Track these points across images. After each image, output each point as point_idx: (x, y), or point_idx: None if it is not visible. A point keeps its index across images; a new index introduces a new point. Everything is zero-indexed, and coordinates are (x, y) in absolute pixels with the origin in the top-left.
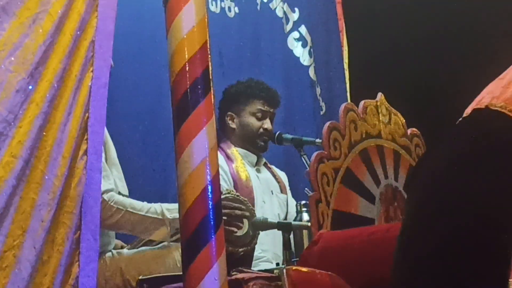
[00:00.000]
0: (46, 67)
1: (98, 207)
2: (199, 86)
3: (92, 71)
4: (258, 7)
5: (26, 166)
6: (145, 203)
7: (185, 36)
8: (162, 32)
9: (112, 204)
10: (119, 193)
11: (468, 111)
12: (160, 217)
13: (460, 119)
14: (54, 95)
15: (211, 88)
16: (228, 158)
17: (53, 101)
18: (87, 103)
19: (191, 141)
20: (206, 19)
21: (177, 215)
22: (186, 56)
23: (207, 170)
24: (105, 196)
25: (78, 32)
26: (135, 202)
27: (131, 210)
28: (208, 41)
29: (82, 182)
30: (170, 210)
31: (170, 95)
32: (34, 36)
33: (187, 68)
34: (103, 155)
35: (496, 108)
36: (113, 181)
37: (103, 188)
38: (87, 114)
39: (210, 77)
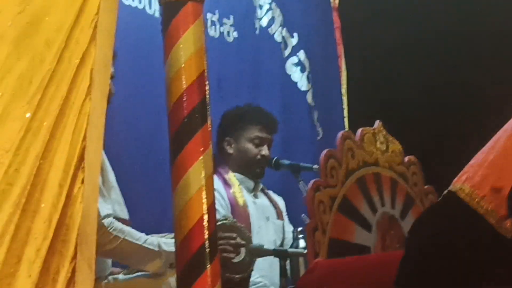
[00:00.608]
0: (44, 95)
1: (94, 236)
2: (196, 115)
3: (90, 99)
4: (257, 32)
5: (22, 194)
6: (143, 234)
7: (183, 65)
8: (161, 59)
9: (111, 230)
10: (117, 218)
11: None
12: (156, 249)
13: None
14: (52, 123)
15: (208, 117)
16: (226, 183)
17: (50, 129)
18: (85, 132)
19: (187, 170)
20: (204, 48)
21: (173, 249)
22: (184, 84)
23: (203, 199)
24: (105, 222)
25: (76, 60)
26: (133, 232)
27: (129, 239)
28: (206, 70)
29: (79, 210)
30: (167, 244)
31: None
32: (31, 64)
33: (184, 97)
34: (100, 179)
35: (462, 196)
36: (111, 207)
37: (102, 213)
38: (84, 143)
39: (208, 106)
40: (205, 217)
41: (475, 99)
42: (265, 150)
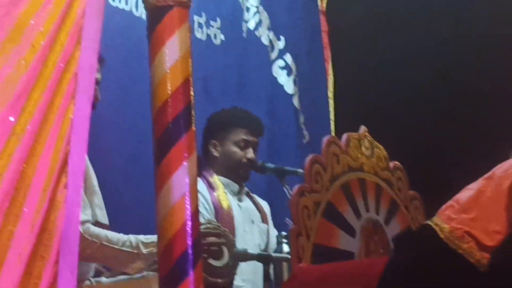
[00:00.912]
0: (28, 99)
1: (77, 241)
2: (181, 121)
3: (74, 103)
4: (244, 35)
5: (5, 198)
6: (121, 235)
7: (168, 70)
8: (147, 64)
9: (87, 236)
10: (97, 222)
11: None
12: (135, 251)
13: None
14: (35, 127)
15: (193, 122)
16: (210, 186)
17: (34, 133)
18: (68, 136)
19: (171, 175)
20: (190, 53)
21: (153, 249)
22: (169, 90)
23: (187, 206)
24: (81, 228)
25: (61, 64)
26: (111, 235)
27: (106, 244)
28: (191, 76)
29: (61, 215)
30: (146, 244)
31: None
32: (16, 67)
33: (169, 102)
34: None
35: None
36: (90, 211)
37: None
38: (68, 147)
39: (193, 112)
40: (188, 223)
41: (463, 104)
42: (250, 153)
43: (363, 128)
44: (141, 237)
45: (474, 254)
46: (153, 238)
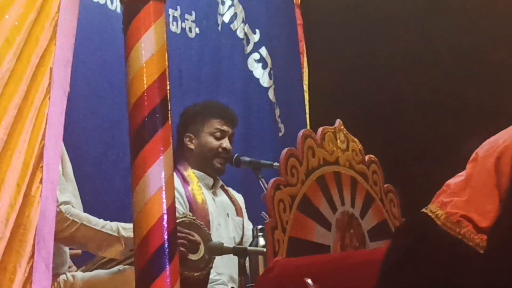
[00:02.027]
0: (2, 94)
1: (52, 236)
2: (157, 115)
3: (49, 98)
4: (219, 28)
5: None
6: (101, 219)
7: (144, 64)
8: (122, 55)
9: (68, 216)
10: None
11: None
12: (115, 234)
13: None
14: (10, 122)
15: (169, 117)
16: (185, 180)
17: (8, 128)
18: (44, 131)
19: (147, 169)
20: (166, 47)
21: (132, 235)
22: (145, 84)
23: (163, 200)
24: (62, 208)
25: (36, 59)
26: (91, 217)
27: (86, 224)
28: (167, 70)
29: (37, 210)
30: (126, 229)
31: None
32: None
33: (145, 96)
34: (60, 169)
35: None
36: (70, 194)
37: (60, 199)
38: (43, 142)
39: (169, 106)
40: (165, 217)
41: (440, 96)
42: (226, 143)
43: (338, 122)
44: (121, 223)
45: (472, 238)
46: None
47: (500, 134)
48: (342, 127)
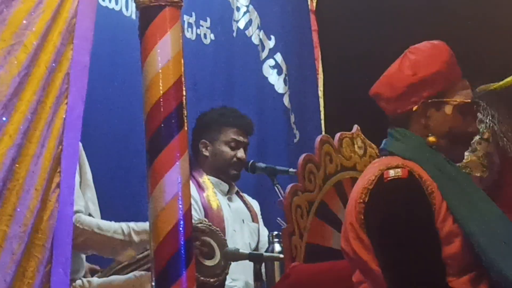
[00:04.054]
0: (20, 99)
1: (70, 240)
2: (173, 121)
3: (66, 103)
4: (234, 34)
5: None
6: (112, 222)
7: (160, 70)
8: (137, 61)
9: (78, 225)
10: (90, 215)
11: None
12: (126, 239)
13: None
14: (28, 127)
15: (185, 122)
16: (200, 186)
17: (26, 133)
18: (61, 136)
19: (163, 175)
20: (181, 53)
21: (144, 237)
22: (161, 90)
23: (179, 205)
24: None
25: (53, 64)
26: (102, 223)
27: (97, 231)
28: (183, 76)
29: (54, 215)
30: (138, 232)
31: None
32: (8, 67)
33: (161, 102)
34: (77, 177)
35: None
36: (84, 203)
37: None
38: (60, 147)
39: (185, 112)
40: (181, 223)
41: None
42: (241, 153)
43: (356, 127)
44: (132, 225)
45: None
46: (145, 225)
47: None
48: (359, 132)
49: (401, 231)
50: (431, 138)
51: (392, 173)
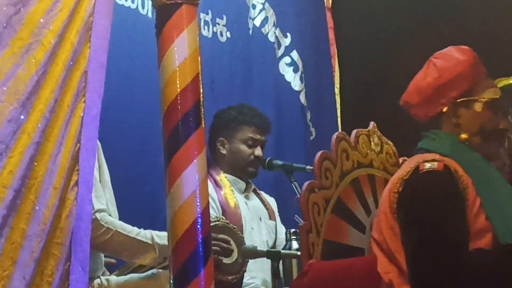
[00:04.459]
0: (38, 97)
1: (88, 238)
2: (190, 119)
3: (84, 101)
4: (250, 32)
5: (17, 196)
6: (135, 227)
7: (177, 68)
8: (154, 59)
9: (103, 223)
10: (110, 216)
11: None
12: (150, 242)
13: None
14: (46, 125)
15: (203, 120)
16: (217, 184)
17: (44, 132)
18: (79, 134)
19: (181, 173)
20: (198, 51)
21: (166, 242)
22: (178, 88)
23: (197, 203)
24: (97, 215)
25: (71, 63)
26: (126, 225)
27: (121, 231)
28: (200, 73)
29: (73, 213)
30: (160, 236)
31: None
32: (26, 66)
33: (178, 100)
34: (97, 176)
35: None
36: (105, 202)
37: (95, 207)
38: (78, 145)
39: (202, 110)
40: (199, 220)
41: None
42: (258, 151)
43: (372, 124)
44: (154, 231)
45: None
46: (166, 233)
47: None
48: (376, 129)
49: (432, 222)
50: (463, 135)
51: (428, 165)
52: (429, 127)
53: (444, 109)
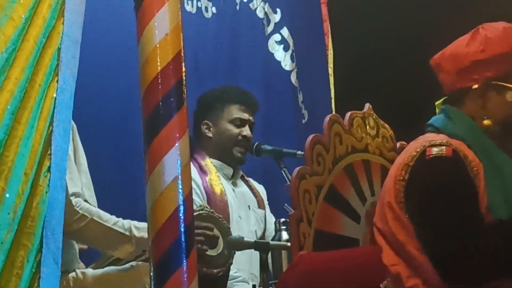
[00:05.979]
0: (8, 77)
1: (61, 228)
2: (172, 99)
3: (57, 81)
4: (237, 7)
5: None
6: (113, 216)
7: (157, 45)
8: (133, 37)
9: (77, 209)
10: (85, 201)
11: None
12: (127, 233)
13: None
14: (17, 106)
15: (185, 101)
16: (202, 170)
17: (15, 114)
18: (52, 116)
19: (162, 158)
20: (180, 26)
21: (145, 235)
22: (159, 66)
23: (179, 190)
24: (72, 200)
25: (43, 39)
26: (103, 213)
27: (97, 220)
28: (182, 51)
29: (45, 201)
30: (139, 228)
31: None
32: None
33: (159, 79)
34: (72, 157)
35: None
36: (80, 185)
37: (70, 190)
38: (51, 128)
39: (184, 90)
40: (181, 208)
41: None
42: (246, 131)
43: (368, 106)
44: (134, 222)
45: None
46: (146, 225)
47: None
48: (371, 112)
49: (443, 212)
50: (487, 122)
51: (435, 150)
52: (451, 99)
53: (474, 86)
